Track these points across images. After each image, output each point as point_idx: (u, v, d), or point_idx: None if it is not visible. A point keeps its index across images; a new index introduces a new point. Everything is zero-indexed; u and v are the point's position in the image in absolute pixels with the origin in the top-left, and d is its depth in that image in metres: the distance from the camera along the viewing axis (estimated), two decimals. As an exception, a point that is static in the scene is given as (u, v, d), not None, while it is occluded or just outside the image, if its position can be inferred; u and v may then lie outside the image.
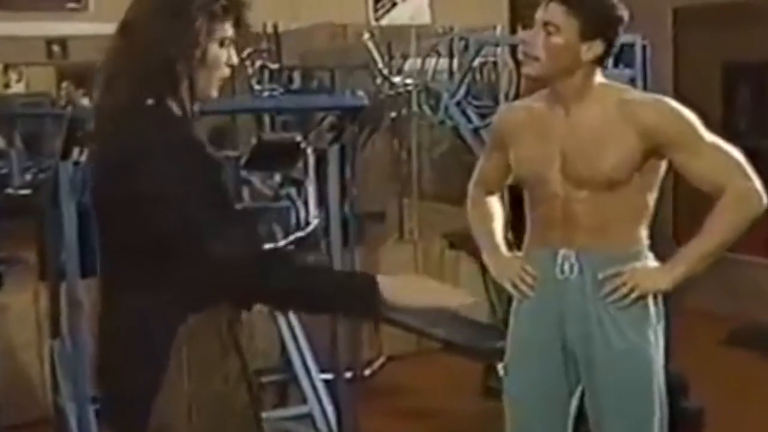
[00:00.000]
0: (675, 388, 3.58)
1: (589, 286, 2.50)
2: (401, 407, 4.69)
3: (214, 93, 1.95)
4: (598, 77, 2.50)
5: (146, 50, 1.85)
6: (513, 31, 5.39)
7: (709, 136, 2.45)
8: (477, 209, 2.82)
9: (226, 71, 1.94)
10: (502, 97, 4.36)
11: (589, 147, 2.44)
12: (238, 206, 2.01)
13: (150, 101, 1.86)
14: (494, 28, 5.42)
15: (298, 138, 3.52)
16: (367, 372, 4.97)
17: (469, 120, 4.24)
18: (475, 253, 4.90)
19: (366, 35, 4.93)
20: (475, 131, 4.21)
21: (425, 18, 5.31)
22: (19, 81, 7.28)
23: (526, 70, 2.48)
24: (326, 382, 3.91)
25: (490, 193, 2.82)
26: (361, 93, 3.48)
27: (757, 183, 2.43)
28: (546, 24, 2.41)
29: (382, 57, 4.96)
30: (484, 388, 4.67)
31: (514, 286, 2.61)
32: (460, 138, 4.30)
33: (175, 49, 1.84)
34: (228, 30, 1.91)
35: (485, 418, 4.59)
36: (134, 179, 1.81)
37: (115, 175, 1.85)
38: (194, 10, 1.85)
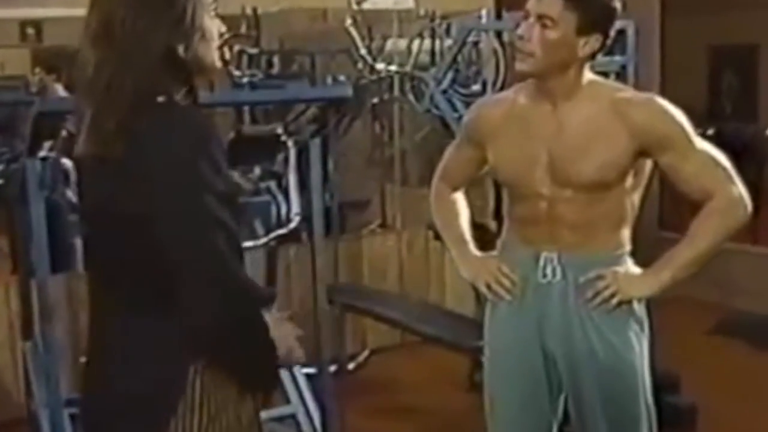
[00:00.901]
0: (665, 385, 3.52)
1: (571, 291, 2.40)
2: (386, 402, 4.59)
3: (220, 63, 1.83)
4: (588, 74, 2.38)
5: (143, 48, 1.69)
6: (498, 15, 5.26)
7: (699, 141, 2.35)
8: (442, 205, 2.68)
9: (218, 41, 1.80)
10: (489, 85, 4.23)
11: (579, 146, 2.33)
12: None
13: (161, 98, 1.72)
14: (479, 12, 5.32)
15: (279, 131, 3.38)
16: (351, 366, 4.86)
17: (455, 109, 4.12)
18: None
19: (348, 20, 4.79)
20: (460, 119, 4.08)
21: (408, 2, 5.17)
22: (-7, 64, 7.18)
23: (520, 66, 2.34)
24: (309, 376, 3.81)
25: (455, 189, 2.69)
26: (343, 80, 3.36)
27: (744, 190, 2.34)
28: (541, 17, 2.28)
29: (364, 42, 4.82)
30: (471, 383, 4.59)
31: (489, 288, 2.50)
32: (445, 126, 4.18)
33: (175, 37, 1.71)
34: None
35: (472, 413, 4.51)
36: (159, 190, 1.66)
37: (131, 188, 1.69)
38: None
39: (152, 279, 1.71)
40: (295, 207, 3.41)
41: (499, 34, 4.80)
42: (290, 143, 3.39)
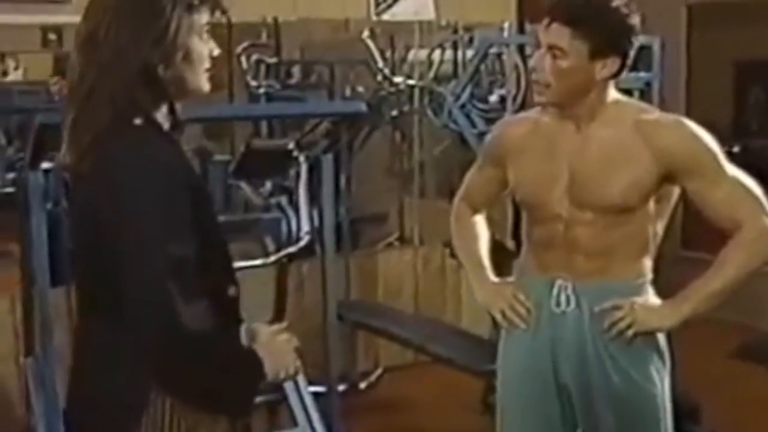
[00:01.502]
0: (684, 412, 3.39)
1: (586, 320, 2.29)
2: (398, 423, 4.48)
3: (207, 87, 1.74)
4: (612, 93, 2.28)
5: (122, 61, 1.63)
6: (521, 28, 5.15)
7: (730, 167, 2.23)
8: (462, 227, 2.59)
9: (209, 63, 1.73)
10: (509, 101, 4.11)
11: (601, 167, 2.23)
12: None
13: (138, 120, 1.65)
14: (501, 25, 5.21)
15: (290, 145, 3.29)
16: (363, 385, 4.76)
17: (474, 124, 4.01)
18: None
19: (366, 33, 4.70)
20: (480, 136, 3.98)
21: (429, 13, 5.07)
22: (17, 69, 7.16)
23: (539, 99, 2.25)
24: (318, 395, 3.70)
25: (476, 211, 2.59)
26: (360, 94, 3.26)
27: None
28: (551, 47, 2.17)
29: (383, 55, 4.72)
30: (484, 406, 4.47)
31: (504, 315, 2.39)
32: (463, 142, 4.07)
33: (155, 55, 1.64)
34: (205, 18, 1.70)
35: (480, 433, 4.43)
36: (124, 219, 1.59)
37: (93, 209, 1.64)
38: (168, 6, 1.64)
39: (111, 295, 1.62)
40: (305, 224, 3.32)
41: (521, 48, 4.70)
42: (301, 158, 3.30)
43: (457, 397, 4.60)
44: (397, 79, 4.68)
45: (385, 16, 4.93)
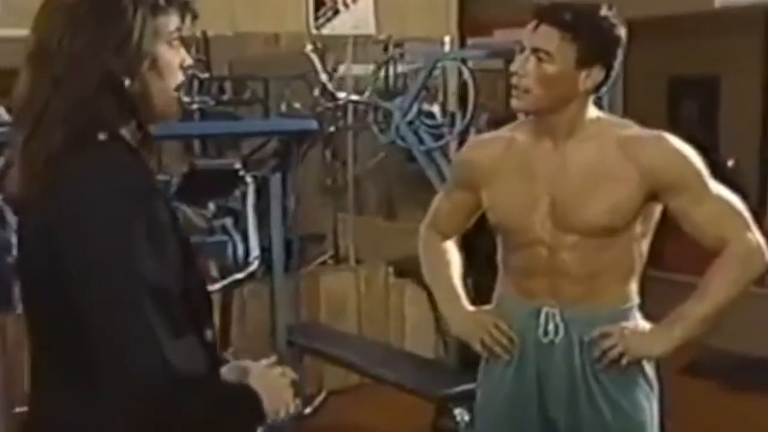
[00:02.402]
0: None
1: (576, 350, 2.18)
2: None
3: (176, 108, 1.56)
4: (591, 108, 2.18)
5: (78, 71, 1.44)
6: (462, 42, 5.08)
7: (714, 184, 2.15)
8: (432, 254, 2.45)
9: (181, 76, 1.54)
10: (458, 117, 4.02)
11: (584, 188, 2.12)
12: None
13: (102, 135, 1.46)
14: (442, 39, 5.14)
15: (237, 165, 3.13)
16: (308, 410, 4.59)
17: (422, 141, 3.90)
18: (425, 282, 4.64)
19: (309, 46, 4.56)
20: (428, 153, 3.88)
21: (370, 28, 4.96)
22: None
23: (517, 104, 2.13)
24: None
25: (446, 237, 2.45)
26: (298, 108, 3.12)
27: (761, 238, 2.14)
28: (536, 50, 2.06)
29: (325, 68, 4.59)
30: (434, 427, 4.35)
31: (484, 345, 2.27)
32: (411, 159, 3.96)
33: (117, 63, 1.45)
34: (174, 23, 1.52)
35: (436, 460, 4.30)
36: (89, 248, 1.41)
37: (57, 240, 1.43)
38: (130, 8, 1.46)
39: (75, 333, 1.43)
40: (255, 248, 3.15)
41: (463, 62, 4.62)
42: (249, 179, 3.14)
43: (405, 421, 4.48)
44: (341, 95, 4.54)
45: (325, 30, 4.80)
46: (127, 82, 1.46)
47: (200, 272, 1.65)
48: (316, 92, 5.02)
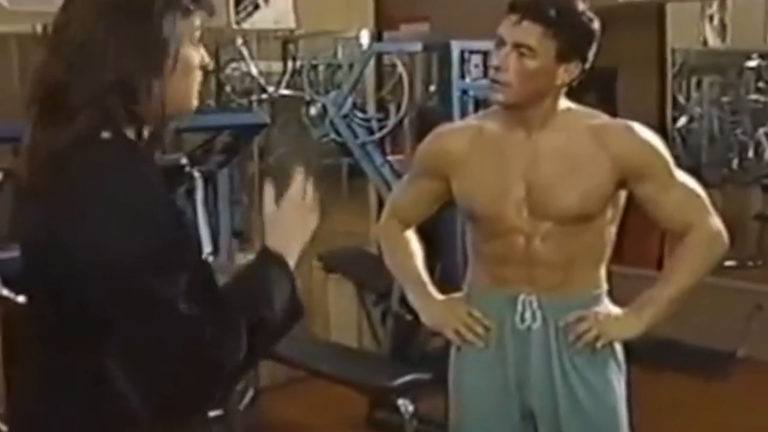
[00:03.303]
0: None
1: (552, 336, 2.24)
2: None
3: (194, 103, 1.54)
4: (563, 99, 2.24)
5: (101, 70, 1.41)
6: (379, 36, 5.11)
7: (679, 172, 2.25)
8: (394, 244, 2.47)
9: (200, 75, 1.53)
10: (392, 110, 4.05)
11: (558, 175, 2.18)
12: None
13: (106, 134, 1.43)
14: (358, 32, 5.16)
15: (183, 160, 3.08)
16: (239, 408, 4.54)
17: (356, 134, 3.91)
18: (355, 276, 4.65)
19: (239, 40, 4.51)
20: (362, 146, 3.89)
21: (290, 22, 4.94)
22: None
23: (496, 97, 2.17)
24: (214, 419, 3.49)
25: (407, 227, 2.47)
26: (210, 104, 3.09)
27: (720, 222, 2.26)
28: (518, 45, 2.11)
29: (255, 63, 4.55)
30: (370, 420, 4.38)
31: (458, 333, 2.30)
32: (346, 153, 3.97)
33: (140, 64, 1.42)
34: (197, 22, 1.50)
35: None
36: (93, 246, 1.37)
37: (64, 236, 1.40)
38: (162, 10, 1.44)
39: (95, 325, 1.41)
40: (207, 244, 3.11)
41: (379, 58, 4.67)
42: (196, 174, 3.09)
43: (339, 414, 4.47)
44: (271, 89, 4.50)
45: (245, 25, 4.76)
46: (147, 82, 1.44)
47: (208, 266, 1.62)
48: (228, 89, 4.93)
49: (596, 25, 2.17)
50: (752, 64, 6.14)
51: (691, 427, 4.17)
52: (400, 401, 3.60)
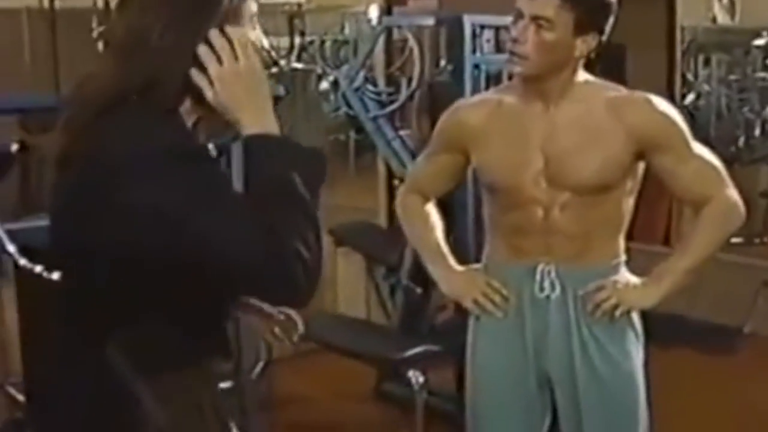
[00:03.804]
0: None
1: (570, 305, 2.27)
2: (291, 418, 4.33)
3: None
4: (581, 72, 2.26)
5: (171, 55, 1.47)
6: (389, 11, 5.11)
7: (696, 144, 2.27)
8: (415, 217, 2.51)
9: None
10: (403, 84, 4.05)
11: (576, 146, 2.21)
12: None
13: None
14: (367, 6, 5.16)
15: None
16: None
17: (367, 108, 3.92)
18: (364, 250, 4.67)
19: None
20: (374, 119, 3.90)
21: (301, -4, 4.94)
22: None
23: (514, 68, 2.20)
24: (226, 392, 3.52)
25: (427, 200, 2.51)
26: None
27: (737, 194, 2.28)
28: (536, 18, 2.12)
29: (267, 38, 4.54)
30: (378, 392, 4.42)
31: (477, 303, 2.33)
32: (357, 128, 3.98)
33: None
34: (255, 6, 1.55)
35: (380, 424, 4.36)
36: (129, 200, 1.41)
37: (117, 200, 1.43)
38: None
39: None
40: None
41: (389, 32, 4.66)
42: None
43: (347, 386, 4.51)
44: (283, 62, 4.51)
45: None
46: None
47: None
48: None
49: None
50: (761, 42, 6.13)
51: (697, 402, 4.20)
52: (411, 372, 3.62)
